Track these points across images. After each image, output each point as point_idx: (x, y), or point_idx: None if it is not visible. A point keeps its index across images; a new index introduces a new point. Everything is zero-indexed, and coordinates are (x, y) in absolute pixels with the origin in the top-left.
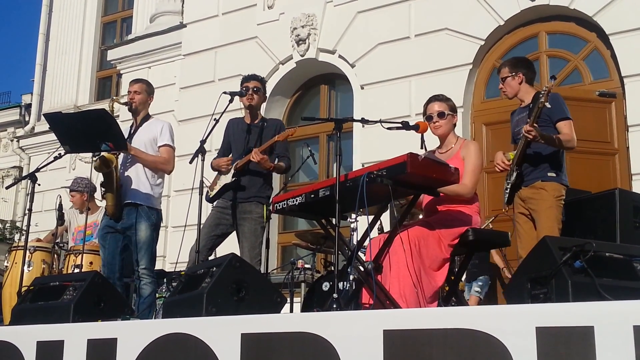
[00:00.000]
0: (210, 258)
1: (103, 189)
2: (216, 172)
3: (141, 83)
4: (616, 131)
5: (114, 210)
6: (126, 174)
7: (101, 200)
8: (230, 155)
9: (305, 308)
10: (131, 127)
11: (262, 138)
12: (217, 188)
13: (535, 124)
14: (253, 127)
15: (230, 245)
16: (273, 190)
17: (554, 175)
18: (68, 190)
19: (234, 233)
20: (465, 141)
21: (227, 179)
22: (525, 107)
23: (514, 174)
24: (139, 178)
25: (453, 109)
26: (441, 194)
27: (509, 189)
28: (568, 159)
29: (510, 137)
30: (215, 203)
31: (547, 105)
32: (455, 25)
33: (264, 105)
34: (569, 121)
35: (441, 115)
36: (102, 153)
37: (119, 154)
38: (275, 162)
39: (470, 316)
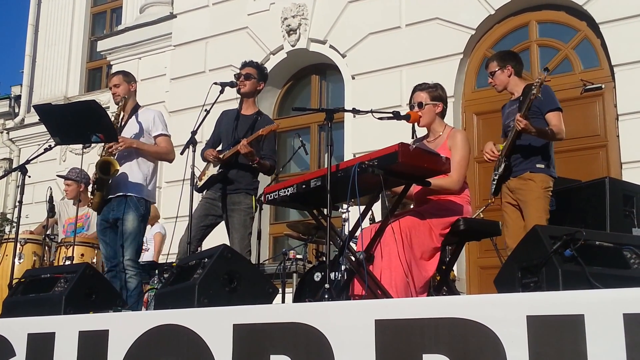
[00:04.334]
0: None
1: (95, 186)
2: (206, 162)
3: (117, 75)
4: (605, 122)
5: (97, 206)
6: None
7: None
8: (220, 147)
9: (297, 298)
10: (122, 119)
11: (253, 130)
12: (205, 178)
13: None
14: (246, 118)
15: (218, 237)
16: (259, 183)
17: (542, 166)
18: (63, 179)
19: (222, 224)
20: (452, 130)
21: (215, 169)
22: (516, 99)
23: (502, 166)
24: (131, 169)
25: (436, 98)
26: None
27: (496, 180)
28: (559, 157)
29: (500, 127)
30: (204, 193)
31: (540, 97)
32: (446, 15)
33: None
34: (558, 112)
35: (420, 105)
36: (109, 159)
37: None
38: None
39: (462, 305)
